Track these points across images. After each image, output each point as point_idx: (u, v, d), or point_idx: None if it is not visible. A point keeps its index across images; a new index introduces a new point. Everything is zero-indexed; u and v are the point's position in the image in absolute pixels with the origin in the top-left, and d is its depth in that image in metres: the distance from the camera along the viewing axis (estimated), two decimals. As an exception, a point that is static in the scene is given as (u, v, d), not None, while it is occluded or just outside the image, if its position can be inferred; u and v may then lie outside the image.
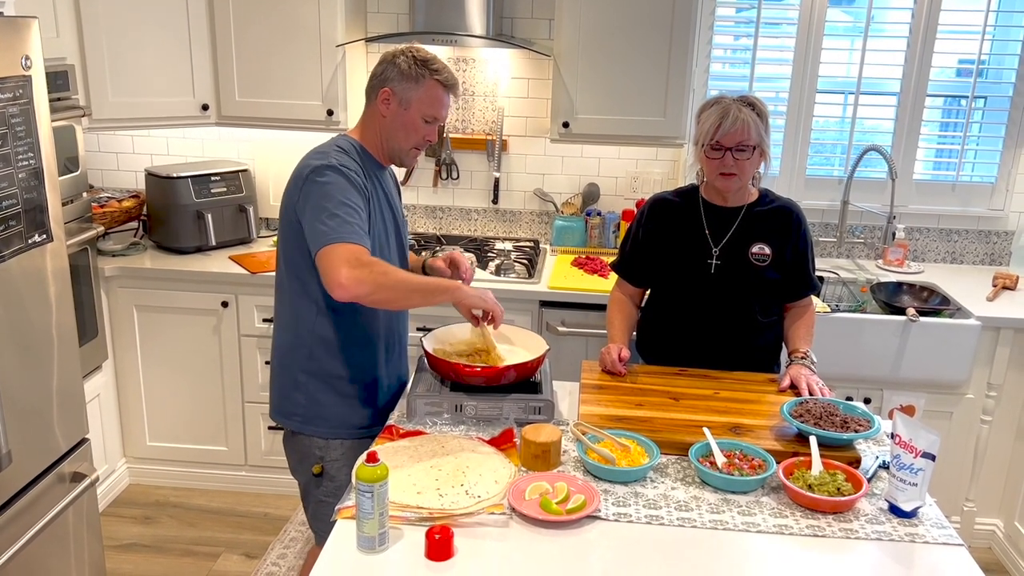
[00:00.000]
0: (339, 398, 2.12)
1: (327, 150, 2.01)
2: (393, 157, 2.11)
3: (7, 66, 2.07)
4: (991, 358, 3.03)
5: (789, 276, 2.38)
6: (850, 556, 1.61)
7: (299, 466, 2.19)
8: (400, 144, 2.07)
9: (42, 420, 2.30)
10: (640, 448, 1.89)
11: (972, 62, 3.39)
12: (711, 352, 2.39)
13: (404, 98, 2.01)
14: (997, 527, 3.24)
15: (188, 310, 3.28)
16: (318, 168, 1.94)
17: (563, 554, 1.59)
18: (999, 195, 3.51)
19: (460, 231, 3.74)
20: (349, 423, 2.13)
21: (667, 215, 2.42)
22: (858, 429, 1.93)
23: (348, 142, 2.06)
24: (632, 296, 2.52)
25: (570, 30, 3.15)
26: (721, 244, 2.35)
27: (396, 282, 1.88)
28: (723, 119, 2.21)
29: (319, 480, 2.15)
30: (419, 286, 1.96)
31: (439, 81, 2.02)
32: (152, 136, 3.70)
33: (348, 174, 1.95)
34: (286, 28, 3.21)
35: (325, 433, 2.12)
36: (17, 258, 2.15)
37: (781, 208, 2.38)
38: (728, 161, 2.24)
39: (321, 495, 2.16)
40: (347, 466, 2.09)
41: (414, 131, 2.05)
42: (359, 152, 2.06)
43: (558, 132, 3.26)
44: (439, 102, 2.04)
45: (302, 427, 2.14)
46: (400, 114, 2.03)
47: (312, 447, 2.14)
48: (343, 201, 1.91)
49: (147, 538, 3.20)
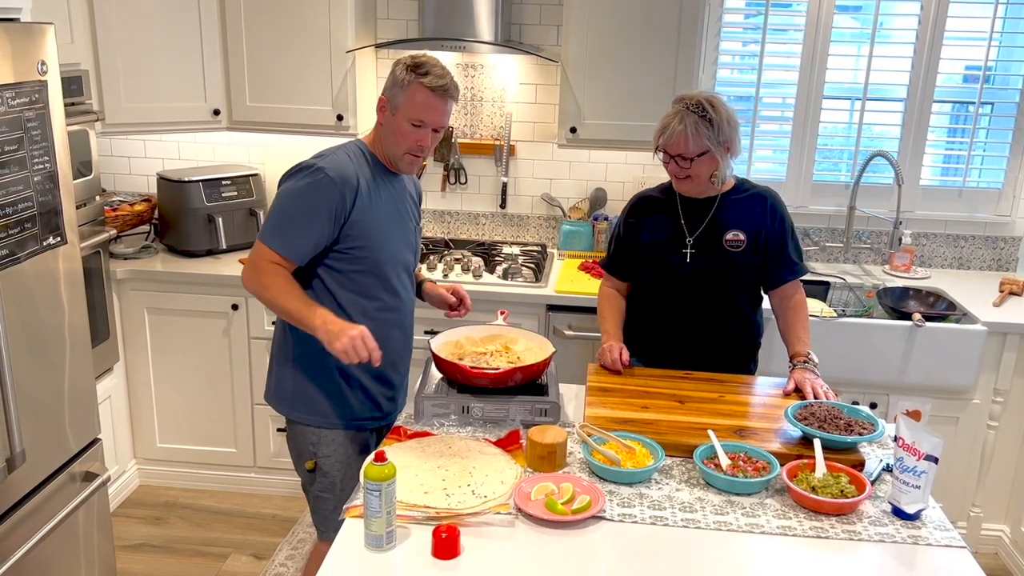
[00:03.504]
0: (329, 388, 2.15)
1: (325, 152, 2.09)
2: (392, 163, 2.14)
3: (24, 71, 2.10)
4: (997, 363, 3.03)
5: (768, 261, 2.41)
6: (853, 558, 1.62)
7: (297, 461, 2.25)
8: (393, 150, 2.10)
9: (55, 420, 2.33)
10: (645, 450, 1.91)
11: (979, 68, 3.39)
12: (692, 343, 2.42)
13: (394, 104, 2.05)
14: (1004, 533, 3.23)
15: (198, 313, 3.31)
16: (298, 168, 2.05)
17: (568, 554, 1.61)
18: (1006, 201, 3.51)
19: (468, 235, 3.76)
20: (337, 413, 2.17)
21: (648, 209, 2.47)
22: (862, 432, 1.94)
23: (358, 147, 2.12)
24: (620, 290, 2.56)
25: (578, 36, 3.17)
26: (696, 233, 2.39)
27: (270, 298, 2.01)
28: (666, 128, 2.26)
29: (313, 476, 2.21)
30: (287, 310, 1.99)
31: (424, 85, 2.01)
32: (164, 140, 3.73)
33: (321, 179, 2.00)
34: (296, 34, 3.25)
35: (315, 422, 2.17)
36: (31, 260, 2.18)
37: (756, 195, 2.42)
38: (674, 167, 2.31)
39: (317, 490, 2.22)
40: (340, 461, 2.16)
41: (402, 136, 2.06)
42: (367, 157, 2.12)
43: (565, 137, 3.29)
44: (424, 105, 2.03)
45: (291, 412, 2.20)
46: (391, 120, 2.06)
47: (306, 441, 2.19)
48: (291, 207, 2.01)
49: (157, 538, 3.23)
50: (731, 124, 2.29)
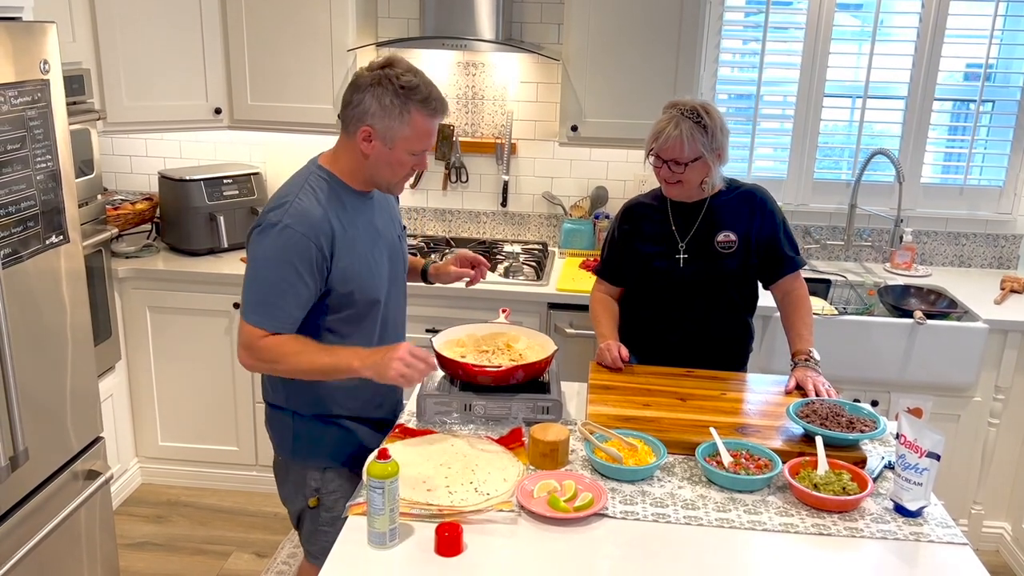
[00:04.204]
0: (333, 429, 2.03)
1: (284, 198, 1.87)
2: (380, 188, 1.97)
3: (26, 70, 2.11)
4: (999, 361, 3.03)
5: (763, 257, 2.42)
6: (855, 555, 1.63)
7: (293, 495, 2.10)
8: (387, 179, 1.92)
9: (57, 419, 2.34)
10: (647, 447, 1.91)
11: (980, 66, 3.39)
12: (687, 350, 2.43)
13: (388, 137, 1.83)
14: (1005, 530, 3.24)
15: (200, 311, 3.31)
16: (261, 226, 1.85)
17: (570, 551, 1.61)
18: (1007, 199, 3.51)
19: (469, 234, 3.76)
20: (345, 453, 2.03)
21: (640, 216, 2.48)
22: (864, 430, 1.95)
23: (319, 176, 1.91)
24: (612, 294, 2.57)
25: (579, 34, 3.17)
26: (687, 238, 2.40)
27: (289, 368, 1.85)
28: (660, 133, 2.26)
29: (315, 512, 2.07)
30: (314, 371, 1.84)
31: (424, 113, 1.83)
32: (165, 139, 3.74)
33: (290, 236, 1.80)
34: (298, 33, 3.25)
35: (322, 465, 2.04)
36: (34, 259, 2.18)
37: (745, 193, 2.43)
38: (666, 172, 2.31)
39: (318, 525, 2.08)
40: (344, 497, 1.98)
41: (400, 167, 1.89)
42: (330, 186, 1.90)
43: (567, 136, 3.29)
44: (427, 133, 1.86)
45: (292, 457, 2.06)
46: (385, 153, 1.85)
47: (305, 479, 2.05)
48: (266, 276, 1.82)
49: (159, 537, 3.23)
50: (723, 132, 2.31)
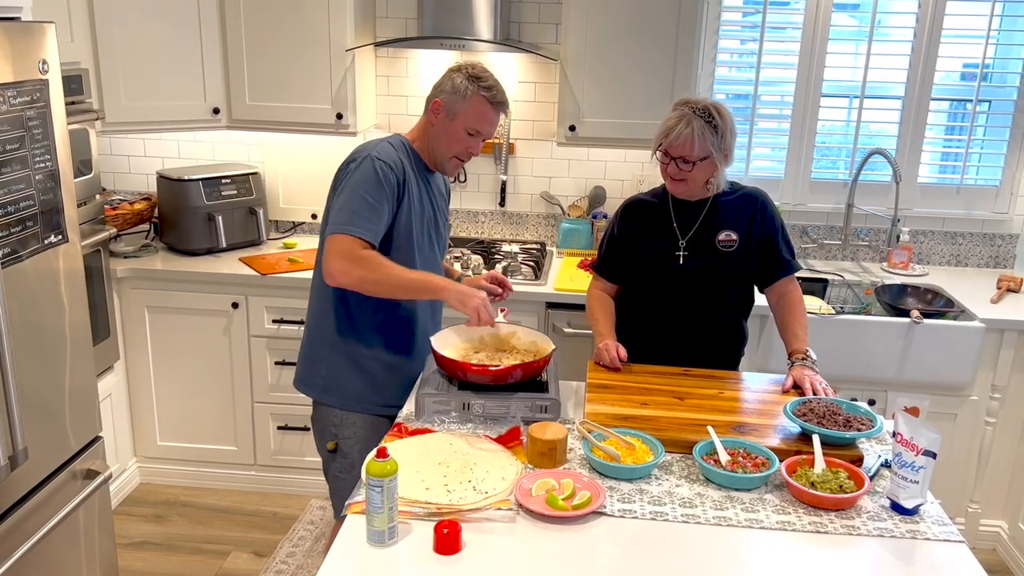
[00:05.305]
0: (360, 373, 2.25)
1: (376, 143, 2.17)
2: (436, 163, 2.26)
3: (25, 70, 2.11)
4: (995, 360, 3.04)
5: (760, 259, 2.43)
6: (852, 552, 1.64)
7: (319, 441, 2.32)
8: (443, 151, 2.22)
9: (56, 418, 2.34)
10: (645, 446, 1.92)
11: (977, 66, 3.40)
12: (687, 349, 2.43)
13: (451, 110, 2.16)
14: (1002, 528, 3.25)
15: (199, 311, 3.32)
16: (357, 158, 2.12)
17: (568, 549, 1.61)
18: (1003, 198, 3.52)
19: (467, 233, 3.77)
20: (366, 399, 2.25)
21: (640, 213, 2.49)
22: (861, 428, 1.95)
23: (401, 141, 2.23)
24: (609, 291, 2.57)
25: (576, 34, 3.18)
26: (688, 235, 2.40)
27: (382, 277, 2.04)
28: (671, 130, 2.27)
29: (333, 456, 2.28)
30: (406, 283, 2.07)
31: (486, 98, 2.16)
32: (163, 139, 3.74)
33: (380, 168, 2.09)
34: (296, 33, 3.25)
35: (341, 404, 2.25)
36: (33, 259, 2.19)
37: (746, 195, 2.44)
38: (673, 169, 2.32)
39: (336, 471, 2.29)
40: (359, 443, 2.22)
41: (456, 141, 2.19)
42: (408, 152, 2.21)
43: (564, 135, 3.29)
44: (484, 118, 2.18)
45: (320, 395, 2.28)
46: (446, 124, 2.18)
47: (328, 421, 2.27)
48: (363, 193, 2.07)
49: (158, 536, 3.24)
50: (732, 133, 2.32)
